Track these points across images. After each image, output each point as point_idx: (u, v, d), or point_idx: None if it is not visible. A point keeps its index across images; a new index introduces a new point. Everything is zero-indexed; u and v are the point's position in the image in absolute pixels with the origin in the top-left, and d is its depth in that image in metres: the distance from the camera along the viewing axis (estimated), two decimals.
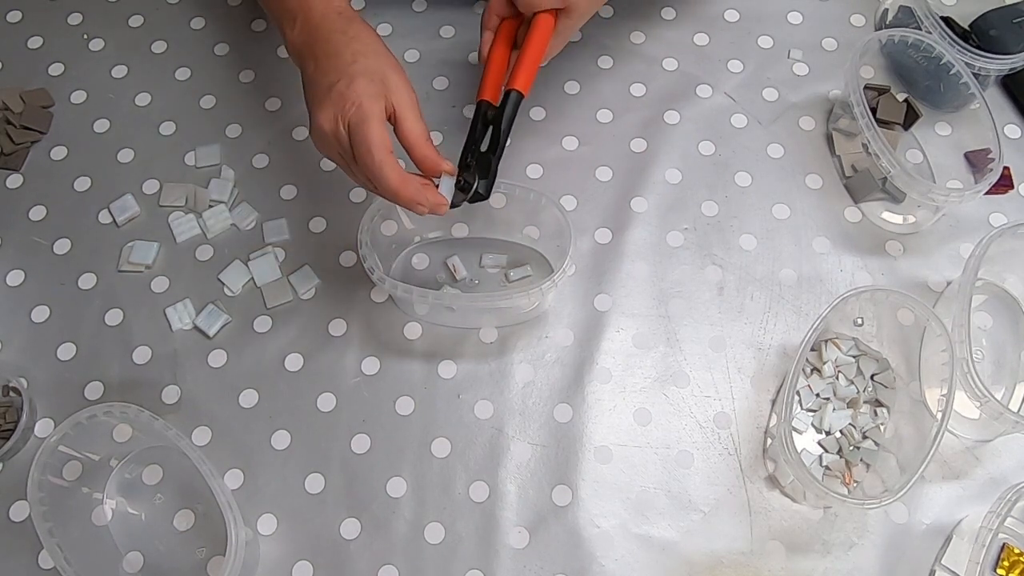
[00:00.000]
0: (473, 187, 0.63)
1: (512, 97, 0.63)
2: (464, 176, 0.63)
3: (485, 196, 0.64)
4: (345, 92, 0.59)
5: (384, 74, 0.61)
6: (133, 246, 0.74)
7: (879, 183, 0.74)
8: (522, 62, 0.64)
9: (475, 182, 0.63)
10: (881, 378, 0.69)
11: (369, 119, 0.58)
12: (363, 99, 0.58)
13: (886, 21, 0.84)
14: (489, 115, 0.64)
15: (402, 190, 0.59)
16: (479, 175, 0.63)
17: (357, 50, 0.62)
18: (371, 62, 0.61)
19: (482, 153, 0.64)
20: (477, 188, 0.63)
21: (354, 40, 0.62)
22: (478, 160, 0.64)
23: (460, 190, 0.63)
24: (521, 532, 0.65)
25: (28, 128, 0.80)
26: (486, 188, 0.63)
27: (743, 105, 0.80)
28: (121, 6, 0.87)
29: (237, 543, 0.57)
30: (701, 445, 0.67)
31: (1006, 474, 0.66)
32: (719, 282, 0.73)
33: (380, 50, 0.63)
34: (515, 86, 0.64)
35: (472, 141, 0.64)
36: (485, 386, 0.69)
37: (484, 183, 0.63)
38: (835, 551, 0.64)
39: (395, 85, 0.61)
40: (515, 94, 0.64)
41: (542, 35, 0.65)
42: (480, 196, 0.63)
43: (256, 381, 0.70)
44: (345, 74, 0.60)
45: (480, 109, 0.65)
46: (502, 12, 0.67)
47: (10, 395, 0.68)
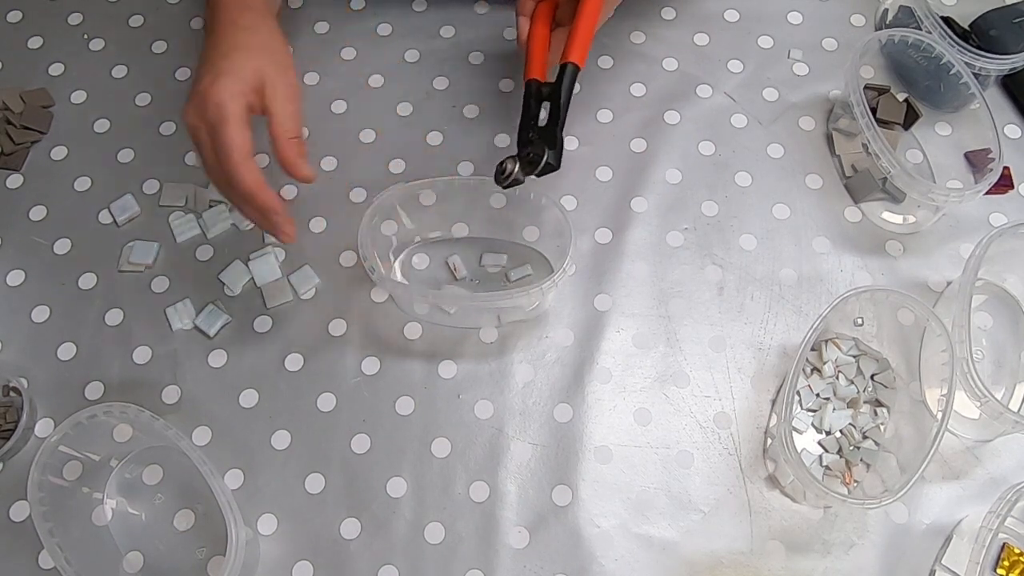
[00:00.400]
0: (543, 159, 0.64)
1: (569, 70, 0.65)
2: (529, 150, 0.64)
3: (556, 166, 0.64)
4: (207, 91, 0.58)
5: (259, 69, 0.60)
6: (133, 246, 0.74)
7: (879, 183, 0.74)
8: (576, 34, 0.65)
9: (544, 153, 0.64)
10: (881, 378, 0.69)
11: (227, 120, 0.57)
12: (223, 99, 0.57)
13: (886, 21, 0.84)
14: (544, 91, 0.66)
15: (258, 193, 0.58)
16: (548, 146, 0.64)
17: (237, 43, 0.61)
18: (245, 57, 0.60)
19: (543, 127, 0.65)
20: (547, 159, 0.64)
21: (242, 31, 0.62)
22: (540, 134, 0.65)
23: (528, 163, 0.64)
24: (521, 532, 0.65)
25: (28, 128, 0.80)
26: (556, 158, 0.64)
27: (743, 105, 0.80)
28: (121, 6, 0.87)
29: (237, 543, 0.57)
30: (701, 445, 0.67)
31: (1006, 474, 0.66)
32: (719, 282, 0.73)
33: (266, 44, 0.62)
34: (572, 59, 0.65)
35: (528, 118, 0.66)
36: (485, 386, 0.69)
37: (553, 153, 0.64)
38: (835, 551, 0.64)
39: (270, 77, 0.60)
40: (572, 67, 0.65)
41: (593, 5, 0.66)
42: (551, 167, 0.64)
43: (256, 381, 0.70)
44: (213, 69, 0.59)
45: (530, 88, 0.66)
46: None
47: (10, 395, 0.68)
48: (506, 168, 0.64)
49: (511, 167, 0.64)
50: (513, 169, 0.64)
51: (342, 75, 0.82)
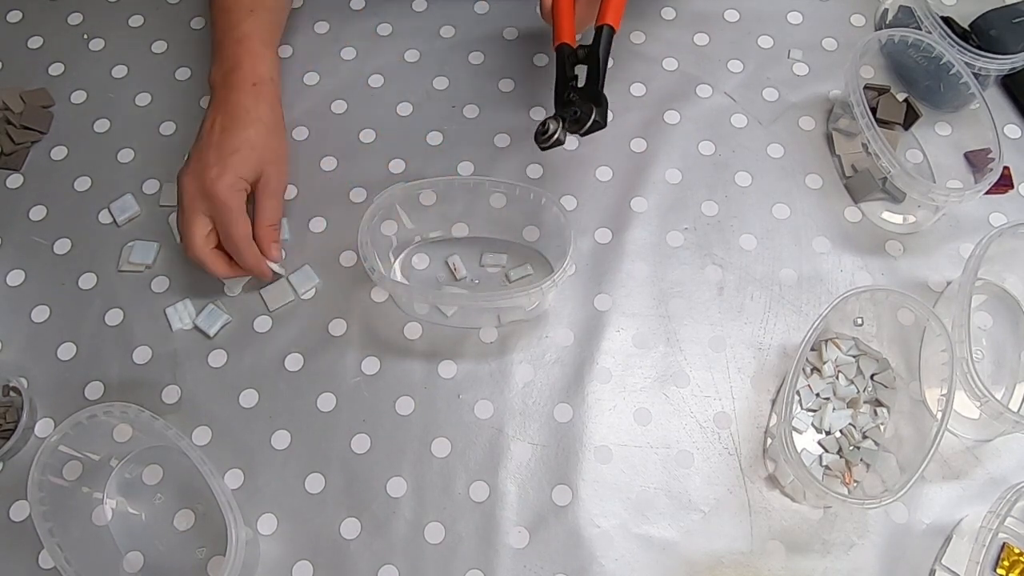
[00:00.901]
0: (591, 116, 0.63)
1: (605, 32, 0.66)
2: (568, 110, 0.64)
3: (603, 124, 0.64)
4: (214, 186, 0.66)
5: (259, 167, 0.68)
6: (133, 246, 0.74)
7: (879, 183, 0.74)
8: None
9: (592, 111, 0.63)
10: (881, 378, 0.69)
11: (231, 213, 0.66)
12: (227, 196, 0.66)
13: (886, 21, 0.84)
14: (580, 54, 0.67)
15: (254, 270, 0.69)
16: (593, 104, 0.64)
17: (248, 138, 0.68)
18: (249, 155, 0.68)
19: (582, 88, 0.65)
20: (595, 117, 0.63)
21: (252, 124, 0.69)
22: (581, 94, 0.65)
23: (575, 122, 0.63)
24: (521, 532, 0.65)
25: (28, 128, 0.80)
26: (602, 115, 0.64)
27: (743, 105, 0.80)
28: (121, 6, 0.87)
29: (237, 543, 0.57)
30: (701, 445, 0.67)
31: (1006, 474, 0.66)
32: (719, 282, 0.73)
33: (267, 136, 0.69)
34: (607, 21, 0.66)
35: (565, 80, 0.66)
36: (485, 386, 0.69)
37: (600, 111, 0.64)
38: (835, 551, 0.64)
39: (266, 175, 0.69)
40: (608, 29, 0.66)
41: None
42: (598, 124, 0.64)
43: (256, 381, 0.70)
44: (219, 163, 0.66)
45: (563, 52, 0.67)
46: None
47: (10, 395, 0.68)
48: (548, 128, 0.63)
49: (554, 127, 0.63)
50: (556, 128, 0.63)
51: (342, 75, 0.82)
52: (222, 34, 0.73)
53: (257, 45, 0.72)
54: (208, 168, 0.66)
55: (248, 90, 0.70)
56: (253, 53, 0.72)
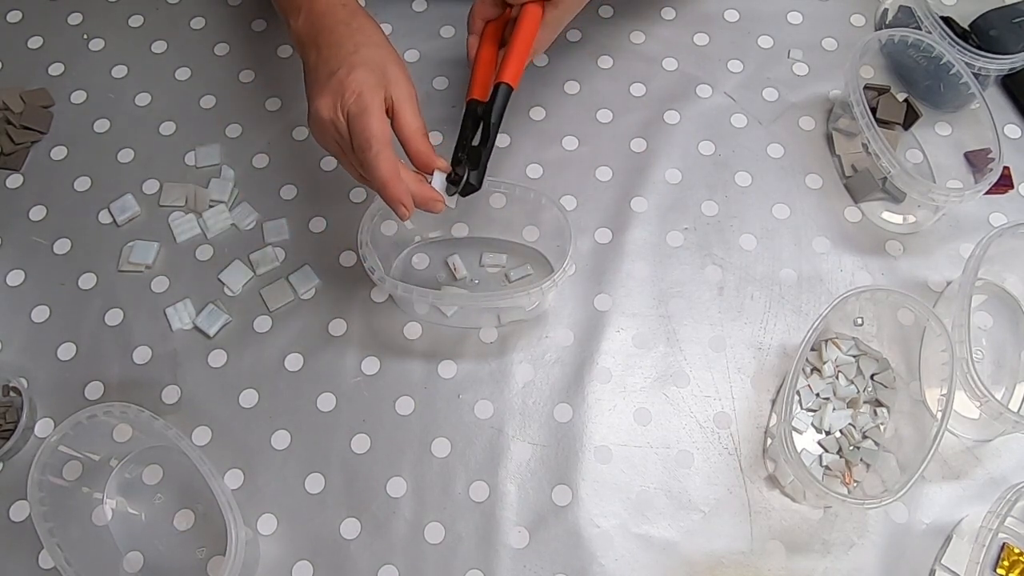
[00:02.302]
0: (464, 179, 0.62)
1: (501, 90, 0.63)
2: (456, 170, 0.63)
3: (476, 187, 0.63)
4: (345, 80, 0.59)
5: (385, 66, 0.61)
6: (133, 246, 0.74)
7: (879, 183, 0.74)
8: (510, 55, 0.64)
9: (465, 174, 0.63)
10: (881, 378, 0.69)
11: (369, 109, 0.58)
12: (363, 88, 0.58)
13: (886, 21, 0.84)
14: (479, 111, 0.64)
15: (391, 185, 0.58)
16: (469, 167, 0.63)
17: (360, 41, 0.61)
18: (373, 53, 0.61)
19: (473, 147, 0.64)
20: (468, 179, 0.63)
21: (357, 31, 0.62)
22: (468, 154, 0.64)
23: (451, 183, 0.63)
24: (521, 532, 0.65)
25: (28, 128, 0.80)
26: (477, 179, 0.63)
27: (743, 105, 0.80)
28: (121, 6, 0.87)
29: (237, 543, 0.57)
30: (701, 445, 0.67)
31: (1006, 474, 0.66)
32: (719, 282, 0.73)
33: (382, 42, 0.63)
34: (504, 79, 0.64)
35: (463, 138, 0.64)
36: (485, 386, 0.69)
37: (475, 174, 0.63)
38: (835, 551, 0.64)
39: (395, 78, 0.61)
40: (504, 87, 0.63)
41: (529, 27, 0.65)
42: (471, 187, 0.63)
43: (256, 381, 0.70)
44: (346, 63, 0.60)
45: (470, 108, 0.65)
46: (486, 15, 0.68)
47: (10, 395, 0.68)
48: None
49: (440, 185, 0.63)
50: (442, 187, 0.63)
51: None
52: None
53: None
54: (332, 75, 0.59)
55: (338, 10, 0.64)
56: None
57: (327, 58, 0.61)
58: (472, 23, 0.68)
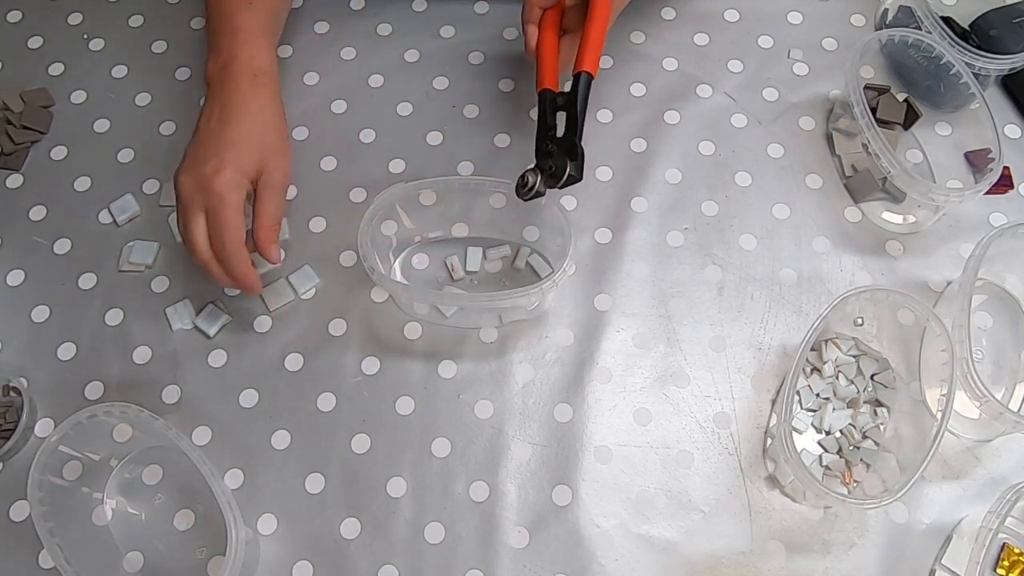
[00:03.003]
0: (566, 171, 0.63)
1: (583, 79, 0.64)
2: (546, 162, 0.64)
3: (579, 178, 0.64)
4: (211, 180, 0.63)
5: (259, 161, 0.65)
6: (133, 246, 0.74)
7: (879, 183, 0.74)
8: (588, 43, 0.65)
9: (567, 166, 0.63)
10: (881, 378, 0.69)
11: (227, 209, 0.62)
12: (225, 191, 0.62)
13: (886, 21, 0.84)
14: (559, 101, 0.66)
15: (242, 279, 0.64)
16: (569, 158, 0.64)
17: (247, 130, 0.66)
18: (249, 147, 0.65)
19: (560, 138, 0.65)
20: (570, 171, 0.63)
21: (251, 115, 0.66)
22: (559, 144, 0.64)
23: (551, 176, 0.63)
24: (521, 532, 0.65)
25: (28, 128, 0.80)
26: (578, 169, 0.64)
27: (743, 105, 0.80)
28: (121, 6, 0.87)
29: (237, 543, 0.57)
30: (701, 445, 0.67)
31: (1006, 474, 0.66)
32: (719, 282, 0.73)
33: (265, 129, 0.67)
34: (585, 68, 0.65)
35: (545, 128, 0.65)
36: (485, 386, 0.69)
37: (575, 164, 0.64)
38: (835, 551, 0.64)
39: (267, 170, 0.66)
40: (586, 76, 0.65)
41: (603, 12, 0.66)
42: (573, 178, 0.64)
43: (256, 381, 0.70)
44: (217, 156, 0.64)
45: (545, 99, 0.66)
46: (544, 3, 0.68)
47: (10, 395, 0.68)
48: (528, 181, 0.64)
49: (532, 180, 0.63)
50: (535, 182, 0.63)
51: (342, 75, 0.82)
52: (217, 24, 0.70)
53: (255, 35, 0.69)
54: (205, 162, 0.63)
55: (247, 81, 0.67)
56: (250, 43, 0.69)
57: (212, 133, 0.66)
58: (529, 12, 0.69)
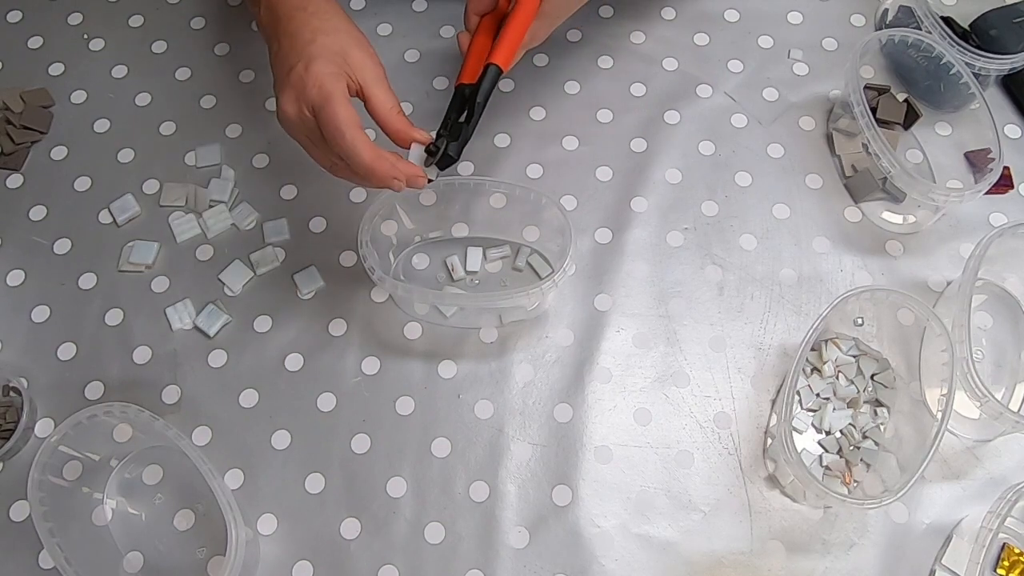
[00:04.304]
0: (442, 150, 0.62)
1: (490, 71, 0.63)
2: (435, 143, 0.63)
3: (455, 159, 0.63)
4: (304, 75, 0.58)
5: (345, 51, 0.60)
6: (133, 246, 0.74)
7: (879, 183, 0.74)
8: (503, 39, 0.64)
9: (445, 146, 0.62)
10: (881, 378, 0.69)
11: (332, 99, 0.57)
12: (323, 79, 0.58)
13: (886, 21, 0.84)
14: (466, 92, 0.64)
15: (376, 166, 0.58)
16: (448, 139, 0.63)
17: (316, 27, 0.61)
18: (330, 40, 0.60)
19: (456, 123, 0.64)
20: (447, 150, 0.62)
21: (313, 16, 0.61)
22: (450, 129, 0.63)
23: (429, 154, 0.63)
24: (521, 532, 0.65)
25: (28, 128, 0.80)
26: (456, 150, 0.63)
27: (743, 105, 0.80)
28: (121, 6, 0.87)
29: (237, 543, 0.57)
30: (701, 445, 0.67)
31: (1006, 474, 0.66)
32: (719, 282, 0.73)
33: (341, 26, 0.62)
34: (494, 60, 0.63)
35: (448, 118, 0.64)
36: (485, 386, 0.69)
37: (454, 145, 0.63)
38: (835, 551, 0.64)
39: (358, 60, 0.60)
40: (493, 68, 0.63)
41: (526, 13, 0.65)
42: (450, 159, 0.63)
43: (256, 381, 0.70)
44: (303, 55, 0.59)
45: (458, 91, 0.65)
46: (481, 10, 0.68)
47: (10, 395, 0.68)
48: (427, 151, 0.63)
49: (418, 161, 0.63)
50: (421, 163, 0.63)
51: None
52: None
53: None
54: (291, 70, 0.59)
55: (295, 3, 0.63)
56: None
57: (286, 51, 0.61)
58: (467, 19, 0.68)
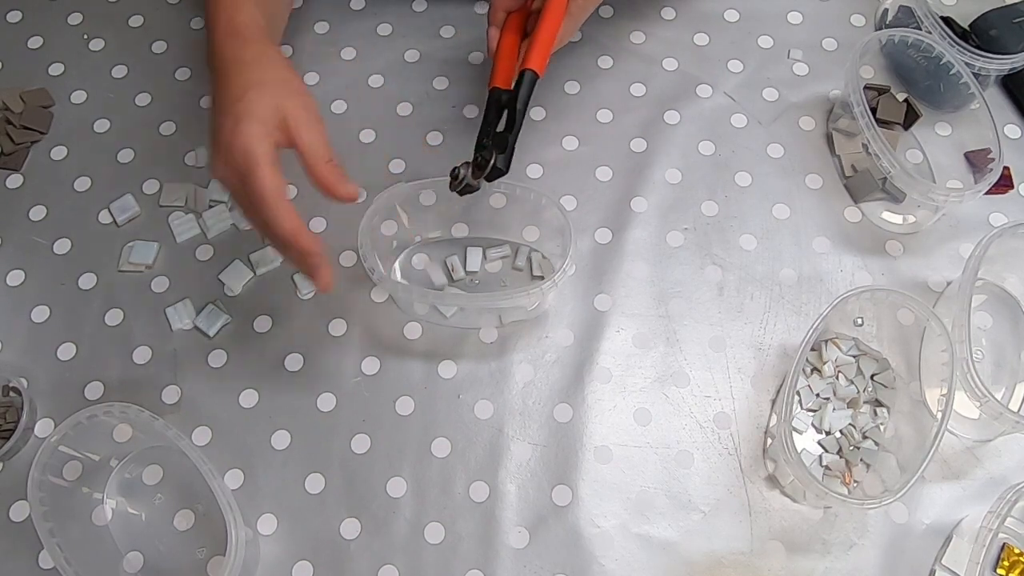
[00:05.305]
0: (491, 162, 0.62)
1: (527, 76, 0.63)
2: (481, 154, 0.63)
3: (504, 171, 0.63)
4: (230, 139, 0.56)
5: (278, 102, 0.58)
6: (133, 246, 0.74)
7: (879, 183, 0.74)
8: (536, 42, 0.64)
9: (493, 158, 0.63)
10: (881, 378, 0.69)
11: (257, 165, 0.55)
12: (249, 143, 0.55)
13: (886, 21, 0.84)
14: (503, 99, 0.65)
15: (296, 238, 0.56)
16: (496, 151, 0.63)
17: (248, 80, 0.59)
18: (261, 93, 0.58)
19: (498, 133, 0.64)
20: (495, 163, 0.63)
21: (248, 67, 0.60)
22: (494, 139, 0.64)
23: (477, 167, 0.63)
24: (521, 532, 0.65)
25: (28, 128, 0.80)
26: (504, 163, 0.63)
27: (743, 105, 0.80)
28: (121, 6, 0.87)
29: (237, 543, 0.57)
30: (701, 445, 0.67)
31: (1006, 474, 0.66)
32: (719, 282, 0.73)
33: (275, 75, 0.60)
34: (530, 66, 0.64)
35: (487, 124, 0.65)
36: (485, 386, 0.69)
37: (502, 157, 0.63)
38: (835, 551, 0.64)
39: (291, 110, 0.58)
40: (530, 73, 0.64)
41: (555, 14, 0.65)
42: (499, 171, 0.63)
43: (256, 381, 0.70)
44: (231, 113, 0.57)
45: (492, 96, 0.65)
46: (508, 6, 0.68)
47: (10, 395, 0.68)
48: (458, 174, 0.64)
49: (463, 173, 0.63)
50: (465, 175, 0.63)
51: (342, 75, 0.82)
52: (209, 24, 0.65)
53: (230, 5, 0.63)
54: (220, 130, 0.57)
55: (230, 42, 0.61)
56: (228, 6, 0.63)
57: (218, 106, 0.59)
58: (493, 15, 0.69)
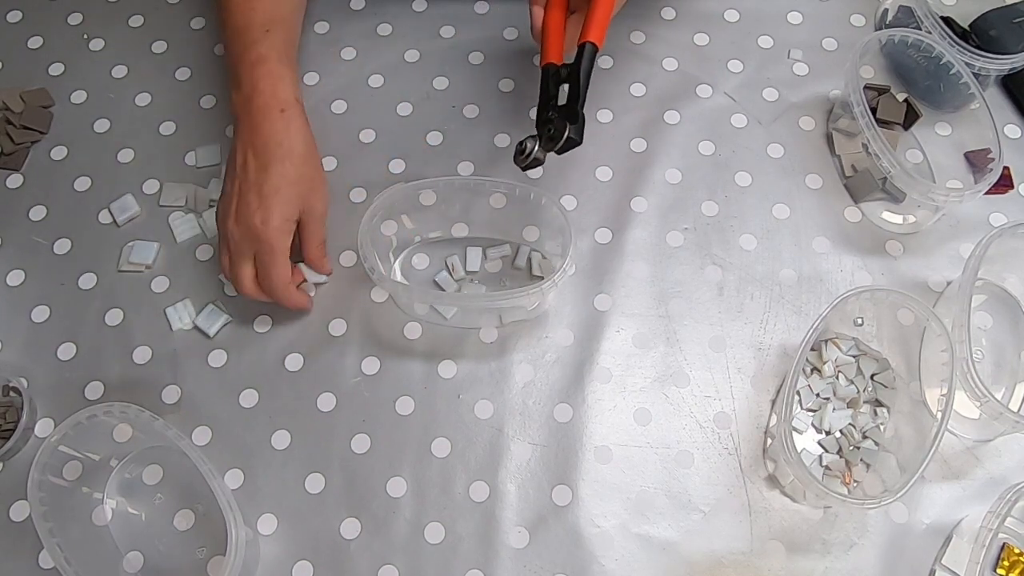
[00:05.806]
0: (565, 133, 0.62)
1: (588, 49, 0.63)
2: (545, 128, 0.63)
3: (579, 141, 0.63)
4: (260, 232, 0.65)
5: (301, 200, 0.67)
6: (133, 246, 0.74)
7: (879, 183, 0.74)
8: (594, 15, 0.64)
9: (566, 128, 0.62)
10: (881, 378, 0.69)
11: (276, 258, 0.66)
12: (274, 239, 0.65)
13: (886, 21, 0.84)
14: (562, 73, 0.64)
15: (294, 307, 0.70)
16: (569, 122, 0.63)
17: (283, 173, 0.66)
18: (291, 193, 0.66)
19: (562, 106, 0.64)
20: (569, 133, 0.62)
21: (285, 158, 0.66)
22: (560, 112, 0.63)
23: (549, 139, 0.63)
24: (521, 532, 0.65)
25: (28, 128, 0.80)
26: (578, 132, 0.63)
27: (743, 105, 0.80)
28: (121, 6, 0.87)
29: (237, 543, 0.57)
30: (701, 445, 0.67)
31: (1006, 474, 0.66)
32: (719, 282, 0.73)
33: (302, 170, 0.67)
34: (590, 39, 0.63)
35: (547, 99, 0.64)
36: (485, 386, 0.69)
37: (575, 128, 0.63)
38: (835, 551, 0.64)
39: (310, 205, 0.68)
40: (590, 46, 0.63)
41: None
42: (573, 142, 0.63)
43: (256, 381, 0.70)
44: (263, 207, 0.65)
45: (548, 72, 0.65)
46: None
47: (10, 395, 0.68)
48: (526, 147, 0.63)
49: (531, 146, 0.63)
50: (533, 148, 0.63)
51: (342, 75, 0.82)
52: (236, 58, 0.69)
53: (276, 65, 0.68)
54: (253, 212, 0.65)
55: (275, 117, 0.67)
56: (272, 75, 0.68)
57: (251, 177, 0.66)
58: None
